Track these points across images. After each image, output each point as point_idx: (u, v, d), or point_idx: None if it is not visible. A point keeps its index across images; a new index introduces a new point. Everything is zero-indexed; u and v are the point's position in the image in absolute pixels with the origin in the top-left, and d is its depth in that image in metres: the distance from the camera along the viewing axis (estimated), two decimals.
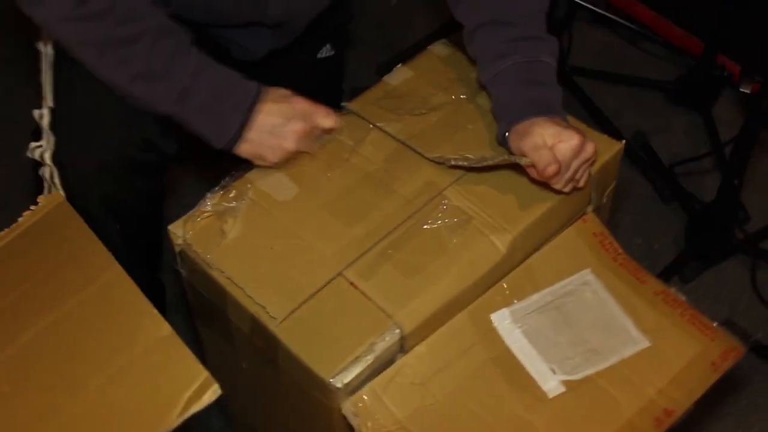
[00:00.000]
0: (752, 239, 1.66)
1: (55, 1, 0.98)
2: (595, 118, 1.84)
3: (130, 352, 0.89)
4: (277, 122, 1.05)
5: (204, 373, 0.86)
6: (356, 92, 1.12)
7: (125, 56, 1.01)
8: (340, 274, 0.99)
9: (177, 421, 0.84)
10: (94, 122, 1.09)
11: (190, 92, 1.03)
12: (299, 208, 1.05)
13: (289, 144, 1.06)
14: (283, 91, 1.08)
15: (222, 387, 0.88)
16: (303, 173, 1.09)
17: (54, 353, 0.89)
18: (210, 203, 1.04)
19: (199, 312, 1.12)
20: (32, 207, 0.99)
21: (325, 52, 1.40)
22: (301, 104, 1.07)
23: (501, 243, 1.02)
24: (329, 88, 1.48)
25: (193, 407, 0.84)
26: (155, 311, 0.90)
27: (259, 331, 0.98)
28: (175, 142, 1.16)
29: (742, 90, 1.34)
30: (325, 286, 0.98)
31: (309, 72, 1.40)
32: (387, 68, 1.23)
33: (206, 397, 0.85)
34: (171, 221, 1.04)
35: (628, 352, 1.01)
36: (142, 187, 1.17)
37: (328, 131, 1.11)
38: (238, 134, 1.05)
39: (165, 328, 0.89)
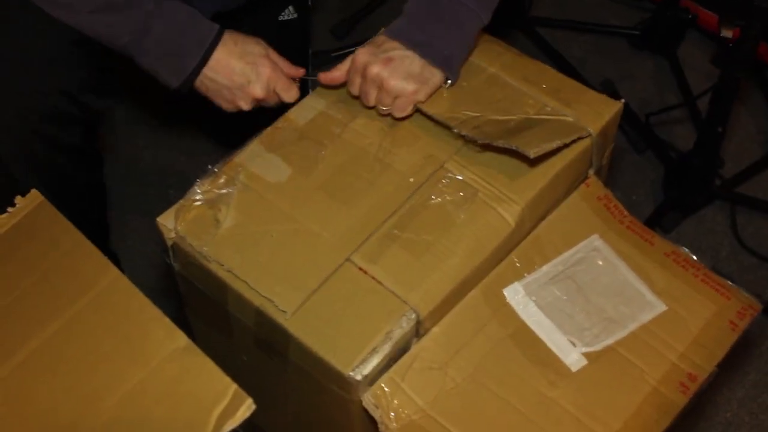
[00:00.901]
0: (729, 185, 1.67)
1: None
2: (561, 68, 1.81)
3: (146, 364, 0.82)
4: (242, 64, 1.04)
5: (233, 386, 0.80)
6: (317, 56, 1.08)
7: None
8: (348, 259, 0.94)
9: None
10: (10, 70, 1.05)
11: (151, 25, 1.00)
12: (294, 190, 1.00)
13: (256, 89, 1.05)
14: (250, 37, 1.07)
15: None
16: (294, 152, 1.03)
17: (56, 370, 0.82)
18: (200, 191, 0.98)
19: (193, 305, 1.07)
20: (9, 209, 0.91)
21: (288, 14, 1.35)
22: (270, 52, 1.07)
23: (509, 215, 0.99)
24: (294, 53, 1.42)
25: (227, 425, 0.78)
26: (166, 319, 0.84)
27: (265, 325, 0.93)
28: (99, 99, 1.13)
29: (722, 35, 1.32)
30: (333, 273, 0.94)
31: (272, 35, 1.35)
32: (343, 29, 1.18)
33: (240, 413, 0.78)
34: (157, 215, 0.98)
35: (646, 317, 1.00)
36: (64, 143, 1.15)
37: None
38: (198, 70, 1.03)
39: (181, 338, 0.83)
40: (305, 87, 1.14)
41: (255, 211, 0.98)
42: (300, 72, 1.11)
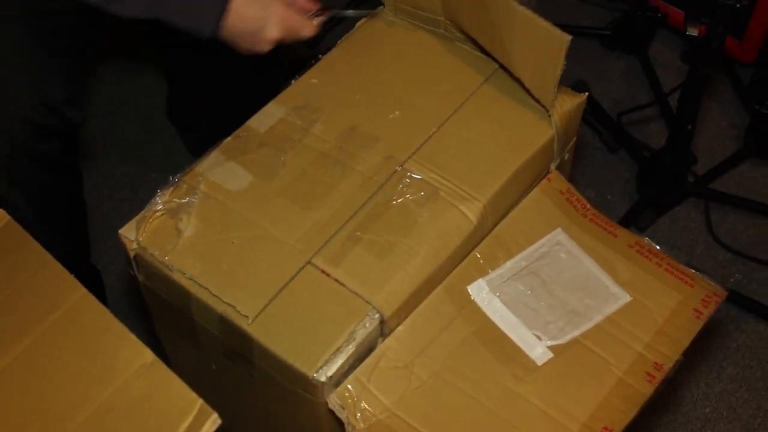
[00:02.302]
0: (703, 181, 1.69)
1: None
2: None
3: (112, 382, 0.82)
4: (254, 9, 1.07)
5: (198, 401, 0.80)
6: None
7: None
8: (309, 262, 0.96)
9: None
10: None
11: None
12: (255, 197, 1.01)
13: (272, 31, 1.07)
14: None
15: None
16: (254, 160, 1.05)
17: (24, 390, 0.83)
18: (161, 201, 1.00)
19: (160, 316, 1.08)
20: None
21: None
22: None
23: (471, 213, 1.00)
24: None
25: None
26: (132, 336, 0.84)
27: (229, 331, 0.94)
28: (80, 111, 1.15)
29: (689, 33, 1.34)
30: (294, 277, 0.95)
31: None
32: None
33: (206, 428, 0.79)
34: (120, 227, 0.99)
35: (610, 309, 1.01)
36: (46, 156, 1.15)
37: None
38: (217, 24, 1.05)
39: (147, 354, 0.83)
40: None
41: (216, 219, 0.99)
42: (314, 6, 1.13)
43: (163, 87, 1.70)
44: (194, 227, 0.99)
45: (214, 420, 0.79)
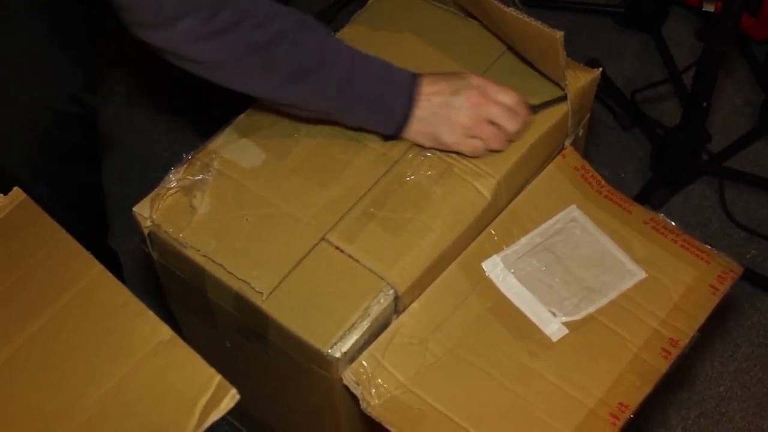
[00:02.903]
0: (717, 159, 1.68)
1: (185, 22, 0.87)
2: None
3: (130, 358, 0.82)
4: (444, 97, 0.99)
5: (217, 377, 0.80)
6: None
7: (270, 62, 0.93)
8: (323, 239, 0.96)
9: None
10: (13, 74, 1.06)
11: (352, 81, 0.97)
12: (269, 174, 1.01)
13: (463, 117, 0.98)
14: (442, 73, 1.03)
15: None
16: (268, 137, 1.05)
17: (42, 366, 0.83)
18: (174, 179, 1.00)
19: (174, 294, 1.08)
20: None
21: None
22: (470, 77, 1.01)
23: (485, 189, 1.00)
24: None
25: (211, 416, 0.78)
26: (150, 312, 0.85)
27: (244, 308, 0.95)
28: (99, 96, 1.14)
29: (705, 9, 1.33)
30: (309, 253, 0.95)
31: None
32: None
33: (224, 403, 0.79)
34: (135, 202, 1.00)
35: (626, 285, 1.01)
36: (70, 146, 1.15)
37: (509, 108, 1.01)
38: (406, 116, 0.99)
39: (165, 331, 0.83)
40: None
41: (230, 196, 1.00)
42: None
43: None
44: (208, 204, 0.99)
45: (232, 395, 0.80)
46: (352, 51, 0.98)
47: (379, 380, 0.92)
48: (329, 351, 0.89)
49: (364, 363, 0.92)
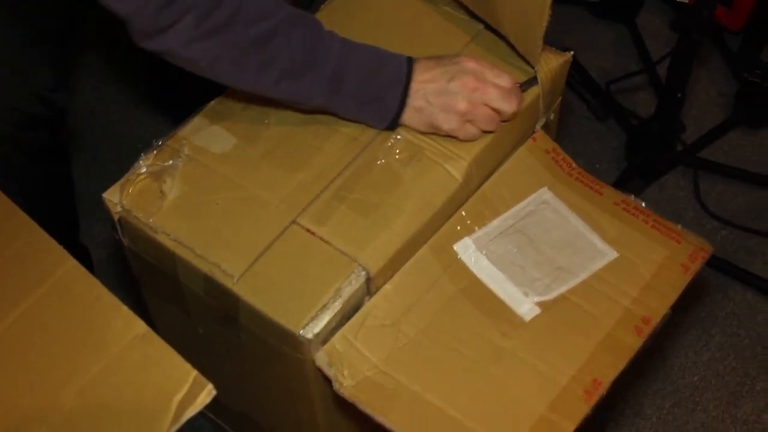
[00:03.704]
0: (691, 150, 1.69)
1: (178, 26, 0.89)
2: None
3: (104, 354, 0.82)
4: (439, 84, 0.99)
5: (193, 372, 0.80)
6: None
7: (264, 59, 0.94)
8: (294, 222, 0.96)
9: (172, 429, 0.77)
10: None
11: (342, 78, 0.97)
12: (239, 160, 1.02)
13: (460, 103, 0.98)
14: (435, 57, 1.03)
15: None
16: (238, 122, 1.05)
17: (15, 363, 0.83)
18: (144, 165, 1.00)
19: (146, 281, 1.08)
20: None
21: None
22: (463, 61, 1.00)
23: (456, 171, 1.01)
24: None
25: (187, 412, 0.78)
26: (124, 307, 0.84)
27: (215, 291, 0.95)
28: (66, 94, 1.13)
29: (680, 0, 1.34)
30: (279, 236, 0.96)
31: None
32: None
33: (200, 399, 0.79)
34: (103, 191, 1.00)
35: (597, 265, 1.02)
36: (39, 146, 1.14)
37: (505, 90, 1.01)
38: (401, 108, 1.00)
39: (139, 325, 0.83)
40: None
41: (200, 181, 1.00)
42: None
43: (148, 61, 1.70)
44: (179, 189, 0.99)
45: (209, 391, 0.79)
46: (345, 45, 0.98)
47: (353, 361, 0.92)
48: (301, 332, 0.90)
49: (337, 344, 0.93)
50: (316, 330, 0.90)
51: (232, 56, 0.94)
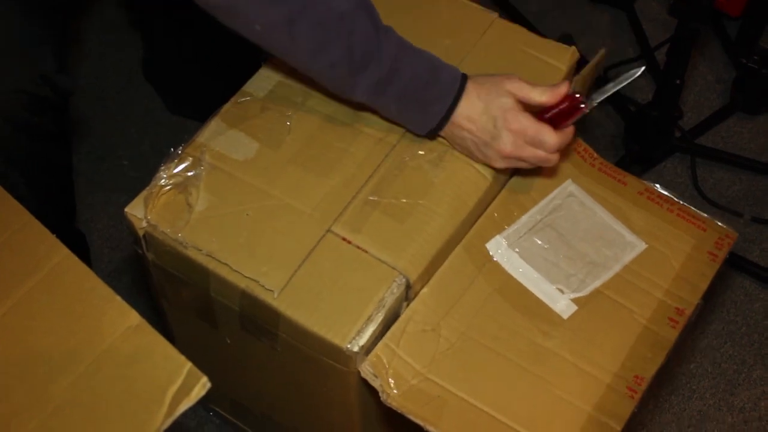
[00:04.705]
0: (689, 136, 1.70)
1: None
2: (518, 23, 1.81)
3: (98, 345, 0.81)
4: (484, 103, 0.96)
5: (187, 364, 0.79)
6: None
7: (325, 40, 0.90)
8: (329, 230, 0.95)
9: (166, 422, 0.77)
10: None
11: (391, 82, 0.94)
12: (265, 166, 1.00)
13: (499, 122, 0.95)
14: (489, 75, 0.99)
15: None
16: (257, 126, 1.03)
17: (7, 353, 0.81)
18: (165, 176, 0.97)
19: (169, 294, 1.06)
20: None
21: None
22: (512, 82, 0.96)
23: (485, 170, 1.00)
24: None
25: (182, 405, 0.77)
26: (118, 297, 0.83)
27: (253, 306, 0.93)
28: (68, 78, 1.12)
29: None
30: (316, 246, 0.94)
31: None
32: None
33: (195, 391, 0.78)
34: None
35: (628, 257, 1.03)
36: (42, 130, 1.14)
37: (547, 108, 0.98)
38: (444, 121, 0.97)
39: (133, 316, 0.82)
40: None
41: (227, 191, 0.98)
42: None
43: (140, 44, 1.65)
44: (205, 201, 0.97)
45: (203, 384, 0.78)
46: (401, 48, 0.96)
47: (396, 370, 0.92)
48: (348, 346, 0.89)
49: (380, 354, 0.92)
50: (362, 342, 0.89)
51: (298, 28, 0.90)
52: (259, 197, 0.97)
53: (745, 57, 1.70)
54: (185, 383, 0.78)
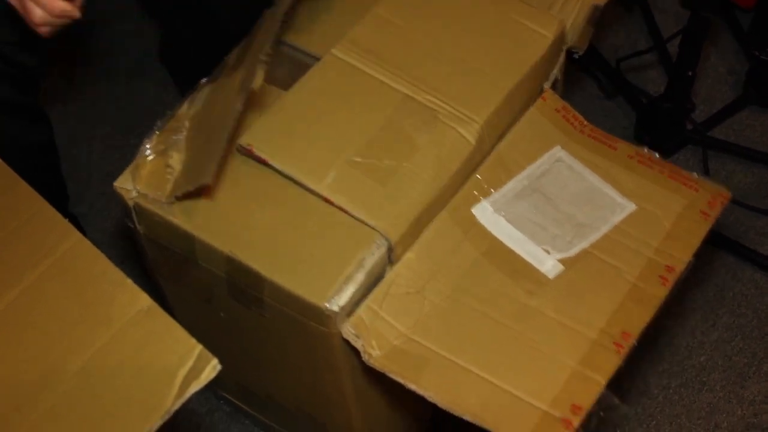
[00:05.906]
0: (701, 128, 1.68)
1: None
2: None
3: (109, 328, 0.82)
4: None
5: (198, 347, 0.80)
6: None
7: None
8: (311, 191, 0.96)
9: (176, 404, 0.78)
10: None
11: None
12: None
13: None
14: None
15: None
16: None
17: (19, 337, 0.83)
18: (149, 147, 1.00)
19: (163, 269, 1.08)
20: None
21: None
22: None
23: (469, 134, 1.02)
24: None
25: (192, 386, 0.78)
26: (129, 281, 0.85)
27: (238, 271, 0.95)
28: (35, 54, 1.11)
29: None
30: (298, 207, 0.95)
31: None
32: None
33: (205, 374, 0.79)
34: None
35: (617, 218, 1.02)
36: (8, 106, 1.14)
37: None
38: None
39: (144, 299, 0.83)
40: None
41: None
42: None
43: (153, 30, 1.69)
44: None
45: (213, 366, 0.79)
46: None
47: (379, 331, 0.93)
48: (327, 305, 0.90)
49: (362, 315, 0.93)
50: (342, 302, 0.90)
51: None
52: None
53: (758, 49, 1.68)
54: (195, 365, 0.79)
